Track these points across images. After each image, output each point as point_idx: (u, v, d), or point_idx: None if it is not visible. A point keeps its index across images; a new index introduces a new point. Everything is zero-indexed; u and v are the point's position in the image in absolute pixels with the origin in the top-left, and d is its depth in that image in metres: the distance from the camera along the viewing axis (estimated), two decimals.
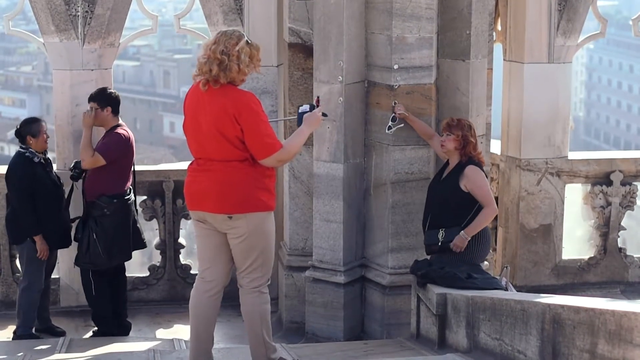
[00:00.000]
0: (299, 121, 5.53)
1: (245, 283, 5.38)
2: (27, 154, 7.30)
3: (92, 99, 7.48)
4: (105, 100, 7.45)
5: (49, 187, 7.33)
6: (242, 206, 5.20)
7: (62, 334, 7.54)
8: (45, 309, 7.63)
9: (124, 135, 7.43)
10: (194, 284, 5.49)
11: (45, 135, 7.34)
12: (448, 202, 6.48)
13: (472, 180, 6.47)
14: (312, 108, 5.58)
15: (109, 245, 7.29)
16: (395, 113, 6.87)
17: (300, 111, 5.56)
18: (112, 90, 7.58)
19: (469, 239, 6.41)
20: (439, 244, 6.44)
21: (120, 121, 7.52)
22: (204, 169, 5.25)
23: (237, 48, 5.15)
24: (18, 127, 7.40)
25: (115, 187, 7.32)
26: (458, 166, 6.54)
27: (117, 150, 7.35)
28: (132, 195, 7.48)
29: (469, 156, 6.53)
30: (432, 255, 6.55)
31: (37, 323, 7.50)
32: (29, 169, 7.27)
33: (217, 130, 5.15)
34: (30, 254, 7.33)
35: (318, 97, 6.12)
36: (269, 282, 5.50)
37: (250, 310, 5.39)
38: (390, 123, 6.88)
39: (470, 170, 6.50)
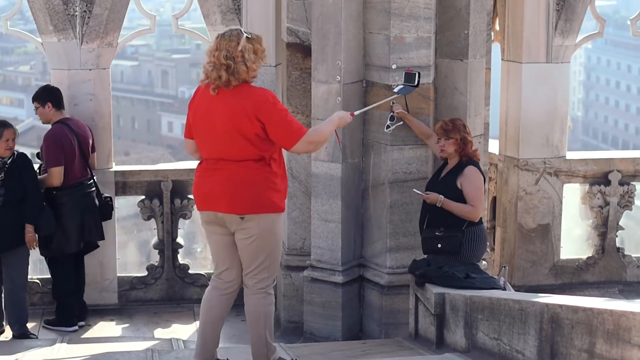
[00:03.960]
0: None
1: (251, 284, 5.33)
2: None
3: (33, 99, 7.60)
4: (44, 96, 7.54)
5: None
6: (254, 207, 5.15)
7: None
8: None
9: (54, 133, 7.47)
10: (211, 284, 5.43)
11: (6, 143, 7.23)
12: None
13: (469, 179, 6.46)
14: (406, 87, 6.68)
15: (46, 235, 7.44)
16: (393, 112, 6.87)
17: (396, 90, 6.69)
18: (52, 85, 7.64)
19: (440, 205, 6.41)
20: (437, 240, 6.45)
21: (65, 114, 7.58)
22: (215, 168, 5.19)
23: (239, 49, 5.08)
24: None
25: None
26: (458, 166, 6.54)
27: (56, 152, 7.40)
28: (84, 187, 7.56)
29: (469, 156, 6.54)
30: (430, 254, 6.55)
31: None
32: None
33: (236, 130, 5.08)
34: None
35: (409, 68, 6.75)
36: (275, 283, 5.48)
37: (255, 311, 5.35)
38: (388, 122, 6.87)
39: (470, 170, 6.50)
